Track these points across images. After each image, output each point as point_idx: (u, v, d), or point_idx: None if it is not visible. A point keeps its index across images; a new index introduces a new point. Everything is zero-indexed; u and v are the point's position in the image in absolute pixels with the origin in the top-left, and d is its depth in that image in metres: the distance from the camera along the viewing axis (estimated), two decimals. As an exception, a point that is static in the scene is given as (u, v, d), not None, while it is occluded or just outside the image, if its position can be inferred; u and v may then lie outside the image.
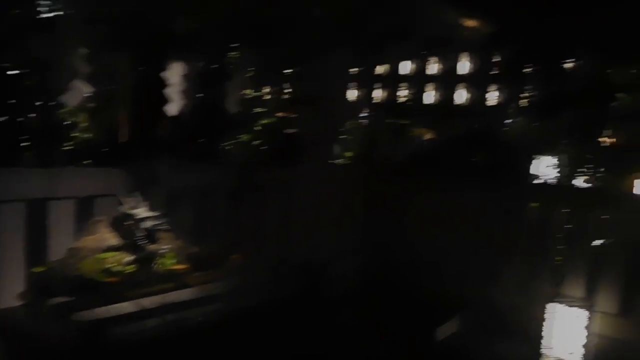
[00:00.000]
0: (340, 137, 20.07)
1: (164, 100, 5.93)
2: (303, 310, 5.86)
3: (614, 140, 11.98)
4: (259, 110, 8.98)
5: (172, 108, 6.33)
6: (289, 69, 8.33)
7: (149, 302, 4.41)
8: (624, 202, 7.57)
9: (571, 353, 6.69)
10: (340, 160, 13.00)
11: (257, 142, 8.29)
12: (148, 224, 4.83)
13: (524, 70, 13.88)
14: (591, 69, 12.68)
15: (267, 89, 8.92)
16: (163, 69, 5.86)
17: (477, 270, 8.27)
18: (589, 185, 9.45)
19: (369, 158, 13.77)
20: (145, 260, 4.66)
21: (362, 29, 7.72)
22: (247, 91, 8.93)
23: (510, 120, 16.31)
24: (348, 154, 16.30)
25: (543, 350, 6.80)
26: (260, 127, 8.81)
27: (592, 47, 12.26)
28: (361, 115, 24.68)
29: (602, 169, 10.20)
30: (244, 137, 9.06)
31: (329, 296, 6.94)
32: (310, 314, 5.91)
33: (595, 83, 12.55)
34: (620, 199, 7.85)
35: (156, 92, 5.70)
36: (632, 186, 8.52)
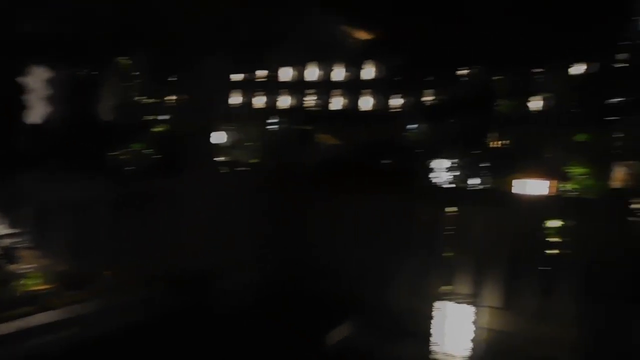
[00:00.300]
0: (246, 143, 19.84)
1: (25, 110, 5.45)
2: (189, 325, 5.61)
3: (498, 143, 12.77)
4: (150, 118, 8.61)
5: (43, 118, 5.86)
6: (176, 75, 8.04)
7: (2, 328, 3.99)
8: (505, 201, 7.98)
9: (460, 348, 6.91)
10: (241, 168, 12.80)
11: (149, 150, 7.91)
12: (5, 242, 4.40)
13: (418, 78, 14.48)
14: (477, 77, 13.44)
15: (159, 97, 8.57)
16: (25, 75, 5.39)
17: (375, 272, 8.38)
18: (477, 186, 9.95)
19: (273, 164, 13.65)
20: (0, 281, 4.24)
21: (248, 36, 7.61)
22: (138, 98, 8.53)
23: (410, 126, 16.91)
24: (253, 160, 16.12)
25: (433, 347, 6.98)
26: (152, 135, 8.43)
27: (477, 57, 13.01)
28: (268, 121, 24.67)
29: (487, 171, 10.82)
30: (135, 146, 8.63)
31: (221, 309, 6.73)
32: (197, 329, 5.67)
33: (481, 91, 13.32)
34: (502, 199, 8.26)
35: (16, 101, 5.22)
36: (511, 186, 9.03)
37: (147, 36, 6.22)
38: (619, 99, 18.56)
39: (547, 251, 7.60)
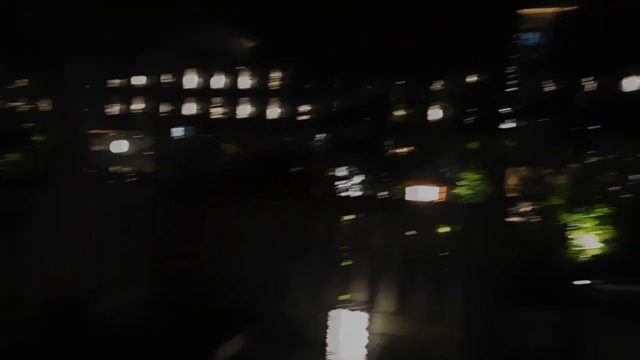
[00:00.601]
0: (148, 152, 19.26)
1: None
2: (60, 351, 5.21)
3: (396, 151, 13.29)
4: (28, 125, 8.00)
5: None
6: (54, 81, 7.52)
7: None
8: (401, 208, 8.20)
9: (354, 354, 6.96)
10: (141, 177, 12.27)
11: (24, 161, 7.34)
12: None
13: (319, 87, 14.79)
14: (375, 86, 13.93)
15: (35, 104, 8.00)
16: None
17: (273, 282, 8.31)
18: (375, 193, 10.24)
19: (174, 173, 13.29)
20: None
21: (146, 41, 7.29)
22: (12, 105, 7.91)
23: (314, 134, 17.14)
24: (154, 169, 15.63)
25: (329, 355, 6.98)
26: (29, 145, 7.83)
27: (374, 66, 13.49)
28: (172, 129, 24.19)
29: (385, 178, 11.20)
30: (13, 156, 8.00)
31: (105, 330, 6.32)
32: (71, 354, 5.29)
33: (378, 100, 13.80)
34: (398, 206, 8.49)
35: None
36: (404, 193, 9.32)
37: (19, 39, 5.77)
38: (509, 108, 19.99)
39: (440, 255, 7.87)
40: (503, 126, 18.64)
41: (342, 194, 9.99)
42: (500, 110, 18.14)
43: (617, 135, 17.77)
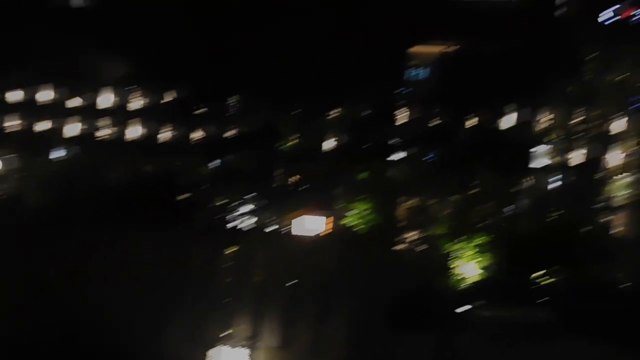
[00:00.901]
0: (21, 174, 17.68)
1: None
2: None
3: (285, 180, 13.32)
4: None
5: None
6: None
7: None
8: (286, 240, 8.10)
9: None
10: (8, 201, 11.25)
11: None
12: None
13: (203, 113, 14.51)
14: (265, 115, 13.96)
15: None
16: None
17: (149, 318, 7.83)
18: (261, 224, 10.11)
19: (49, 197, 12.27)
20: None
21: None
22: None
23: (202, 161, 16.71)
24: (26, 192, 14.32)
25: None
26: None
27: (266, 94, 13.52)
28: (52, 150, 22.49)
29: (274, 208, 11.15)
30: None
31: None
32: None
33: (269, 128, 13.83)
34: (283, 237, 8.38)
35: None
36: (292, 223, 9.25)
37: None
38: (397, 139, 20.87)
39: (326, 285, 7.82)
40: (392, 157, 19.37)
41: (230, 224, 9.72)
42: (389, 142, 18.87)
43: (495, 168, 19.07)
